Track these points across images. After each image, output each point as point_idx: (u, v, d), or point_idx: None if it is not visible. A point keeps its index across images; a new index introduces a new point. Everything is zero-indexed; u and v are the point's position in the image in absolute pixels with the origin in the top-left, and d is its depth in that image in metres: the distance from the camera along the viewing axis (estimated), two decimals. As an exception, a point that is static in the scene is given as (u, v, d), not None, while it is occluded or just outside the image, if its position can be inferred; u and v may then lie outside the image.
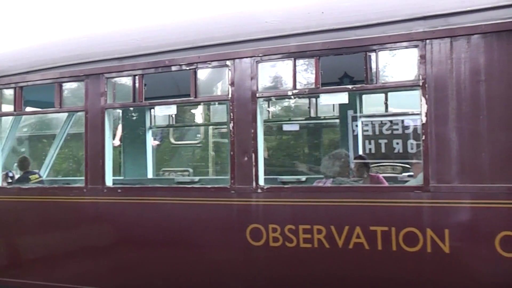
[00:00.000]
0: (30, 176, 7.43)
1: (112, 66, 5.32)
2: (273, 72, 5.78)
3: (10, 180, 7.23)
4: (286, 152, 10.93)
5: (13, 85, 5.94)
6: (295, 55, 4.65)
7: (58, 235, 5.66)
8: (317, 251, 4.46)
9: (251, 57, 4.74)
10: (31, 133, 12.58)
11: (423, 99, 4.17)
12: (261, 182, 4.73)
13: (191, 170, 10.44)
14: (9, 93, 6.10)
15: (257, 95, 4.72)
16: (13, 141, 8.26)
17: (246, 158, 4.72)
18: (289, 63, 4.72)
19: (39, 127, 12.59)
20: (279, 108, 10.36)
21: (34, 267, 5.81)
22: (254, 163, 4.70)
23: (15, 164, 7.88)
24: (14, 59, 6.32)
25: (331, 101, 5.66)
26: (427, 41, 4.18)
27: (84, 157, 5.48)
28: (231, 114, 4.81)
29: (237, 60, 4.78)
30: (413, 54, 4.31)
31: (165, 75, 5.36)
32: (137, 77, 5.22)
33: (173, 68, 5.06)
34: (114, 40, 5.67)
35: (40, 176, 7.67)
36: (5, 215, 6.00)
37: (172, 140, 10.82)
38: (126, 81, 5.49)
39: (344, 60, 4.88)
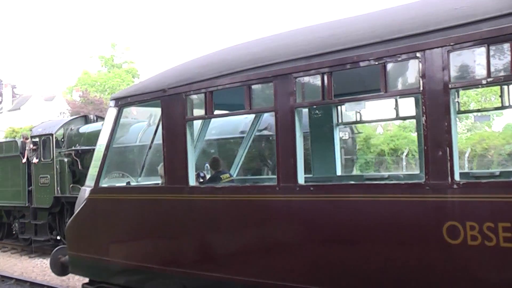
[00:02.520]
0: (222, 176, 7.93)
1: (300, 65, 5.50)
2: (465, 61, 5.66)
3: (201, 180, 7.82)
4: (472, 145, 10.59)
5: (203, 90, 6.42)
6: (488, 40, 4.52)
7: (251, 232, 5.98)
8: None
9: (441, 46, 4.69)
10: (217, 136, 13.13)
11: None
12: (457, 177, 4.65)
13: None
14: (197, 98, 6.62)
15: (450, 86, 4.66)
16: (203, 143, 8.93)
17: (440, 153, 4.69)
18: (481, 49, 4.61)
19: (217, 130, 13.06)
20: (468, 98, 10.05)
21: (227, 262, 6.19)
22: (449, 158, 4.63)
23: (206, 165, 8.46)
24: (203, 66, 6.86)
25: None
26: None
27: (276, 156, 5.77)
28: (423, 107, 4.79)
29: (427, 51, 4.75)
30: None
31: (349, 71, 5.45)
32: (325, 75, 5.35)
33: (361, 64, 5.13)
34: (300, 40, 5.90)
35: (230, 176, 8.18)
36: (199, 213, 6.49)
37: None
38: (314, 79, 5.64)
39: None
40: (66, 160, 17.06)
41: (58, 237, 17.06)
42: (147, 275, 7.08)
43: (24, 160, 17.97)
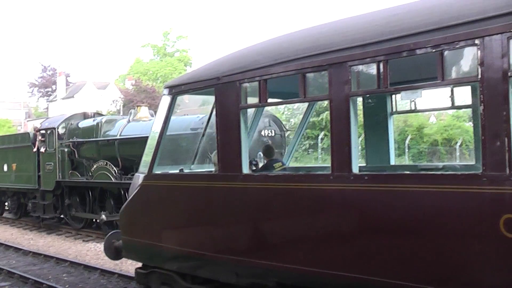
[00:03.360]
0: (274, 164, 8.01)
1: (356, 53, 5.49)
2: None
3: (254, 168, 7.93)
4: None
5: (257, 78, 6.49)
6: None
7: (303, 221, 6.00)
8: None
9: (501, 33, 4.59)
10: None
11: None
12: None
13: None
14: (251, 86, 6.69)
15: (509, 74, 4.58)
16: (255, 132, 9.03)
17: (498, 143, 4.63)
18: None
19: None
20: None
21: (279, 250, 6.26)
22: (507, 148, 4.55)
23: (259, 153, 8.56)
24: (257, 53, 6.93)
25: None
26: None
27: (330, 144, 5.80)
28: (481, 96, 4.73)
29: (486, 38, 4.67)
30: None
31: (405, 58, 5.39)
32: (381, 63, 5.32)
33: (418, 52, 5.09)
34: (356, 28, 5.89)
35: (283, 164, 8.26)
36: (252, 201, 6.58)
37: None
38: (369, 67, 5.64)
39: None
40: (66, 150, 20.42)
41: (61, 216, 21.07)
42: (199, 261, 7.22)
43: (34, 150, 21.38)
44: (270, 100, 6.92)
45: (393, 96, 7.74)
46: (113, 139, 18.70)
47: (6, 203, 25.21)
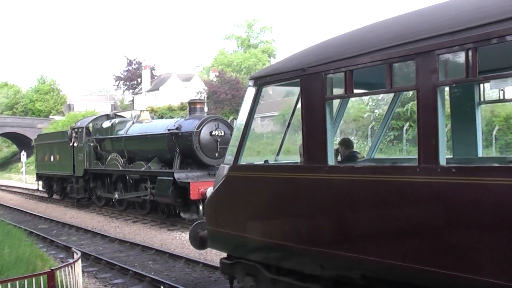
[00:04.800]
0: (358, 155, 8.04)
1: (443, 41, 5.40)
2: None
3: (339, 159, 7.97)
4: None
5: (343, 69, 6.51)
6: None
7: (389, 214, 5.98)
8: None
9: None
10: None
11: None
12: None
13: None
14: (337, 77, 6.71)
15: None
16: (340, 124, 9.05)
17: None
18: None
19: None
20: None
21: (364, 243, 6.24)
22: None
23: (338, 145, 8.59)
24: (342, 44, 6.96)
25: None
26: None
27: (416, 136, 5.76)
28: None
29: None
30: None
31: (494, 46, 5.24)
32: (469, 51, 5.22)
33: (508, 38, 4.95)
34: (443, 15, 5.81)
35: (362, 156, 8.29)
36: (337, 192, 6.62)
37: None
38: (457, 56, 5.54)
39: None
40: (91, 144, 26.96)
41: (91, 197, 27.53)
42: (284, 253, 7.33)
43: (71, 144, 28.29)
44: (355, 91, 6.91)
45: (481, 85, 7.56)
46: (121, 136, 24.73)
47: (54, 187, 32.80)
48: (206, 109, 41.79)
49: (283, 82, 7.73)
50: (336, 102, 7.86)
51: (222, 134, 20.49)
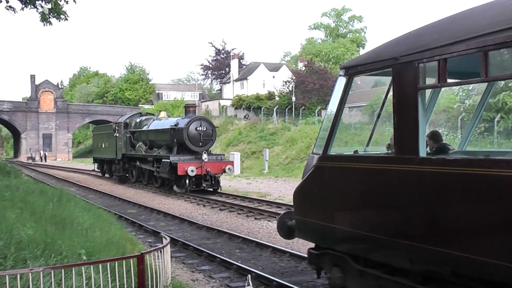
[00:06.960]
0: (449, 147, 7.89)
1: None
2: None
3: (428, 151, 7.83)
4: None
5: (436, 58, 6.37)
6: None
7: (481, 208, 5.80)
8: None
9: None
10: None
11: None
12: None
13: None
14: (430, 66, 6.59)
15: None
16: (431, 114, 8.88)
17: None
18: None
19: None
20: None
21: (455, 238, 6.07)
22: None
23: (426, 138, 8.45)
24: (436, 32, 6.82)
25: None
26: None
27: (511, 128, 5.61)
28: None
29: None
30: None
31: None
32: None
33: None
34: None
35: (453, 148, 8.14)
36: (428, 185, 6.46)
37: None
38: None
39: None
40: (127, 135, 37.10)
41: (127, 174, 38.69)
42: (373, 245, 7.28)
43: (114, 134, 38.44)
44: (448, 81, 6.77)
45: None
46: (145, 130, 35.25)
47: (104, 167, 44.90)
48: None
49: (375, 71, 7.68)
50: (427, 92, 7.72)
51: (205, 129, 30.39)
